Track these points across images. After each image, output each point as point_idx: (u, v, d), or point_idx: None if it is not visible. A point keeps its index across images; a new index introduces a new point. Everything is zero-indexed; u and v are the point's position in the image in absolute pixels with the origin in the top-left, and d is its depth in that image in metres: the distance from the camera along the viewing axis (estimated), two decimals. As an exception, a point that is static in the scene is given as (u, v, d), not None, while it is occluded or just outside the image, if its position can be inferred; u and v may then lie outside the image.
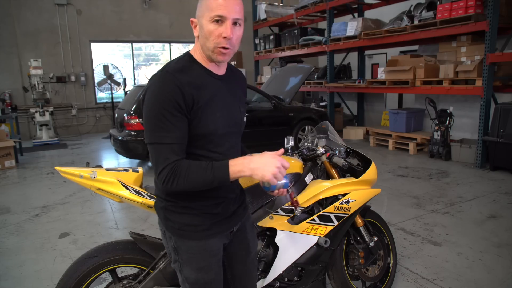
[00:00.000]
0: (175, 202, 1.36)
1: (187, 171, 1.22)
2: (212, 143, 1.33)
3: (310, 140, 2.34)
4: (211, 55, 1.29)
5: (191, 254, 1.37)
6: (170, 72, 1.26)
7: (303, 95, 12.19)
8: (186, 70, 1.28)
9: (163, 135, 1.22)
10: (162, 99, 1.21)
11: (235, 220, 1.48)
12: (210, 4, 1.23)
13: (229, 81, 1.42)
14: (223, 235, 1.44)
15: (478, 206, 4.20)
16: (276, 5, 11.01)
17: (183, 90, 1.22)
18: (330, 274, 2.22)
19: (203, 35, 1.27)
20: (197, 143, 1.30)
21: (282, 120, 6.77)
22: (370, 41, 7.57)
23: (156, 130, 1.22)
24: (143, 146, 5.82)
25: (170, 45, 12.08)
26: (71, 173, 1.72)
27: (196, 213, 1.36)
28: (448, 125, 6.43)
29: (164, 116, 1.21)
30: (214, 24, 1.24)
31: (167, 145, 1.22)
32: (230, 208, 1.44)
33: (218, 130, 1.31)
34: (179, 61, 1.33)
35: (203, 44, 1.29)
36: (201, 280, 1.40)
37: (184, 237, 1.37)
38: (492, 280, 2.71)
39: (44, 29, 9.99)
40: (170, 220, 1.38)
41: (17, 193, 5.20)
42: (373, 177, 2.20)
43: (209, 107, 1.29)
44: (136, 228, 3.81)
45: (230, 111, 1.37)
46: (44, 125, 9.05)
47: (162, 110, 1.20)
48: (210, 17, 1.23)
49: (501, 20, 5.54)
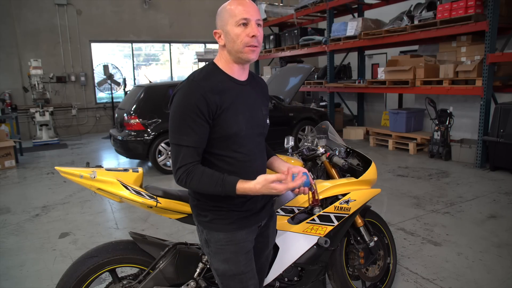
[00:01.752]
0: (205, 201, 1.48)
1: (200, 177, 1.35)
2: (237, 144, 1.43)
3: (310, 140, 2.35)
4: (241, 56, 1.40)
5: (219, 246, 1.47)
6: (195, 80, 1.38)
7: (303, 95, 12.19)
8: (209, 77, 1.40)
9: (182, 138, 1.35)
10: (185, 105, 1.34)
11: (263, 215, 1.58)
12: (233, 11, 1.37)
13: (251, 86, 1.53)
14: (251, 229, 1.52)
15: (478, 206, 4.20)
16: (276, 5, 11.00)
17: (206, 97, 1.33)
18: (330, 274, 2.22)
19: (231, 40, 1.38)
20: (222, 144, 1.41)
21: (282, 120, 6.78)
22: (370, 41, 7.56)
23: (177, 132, 1.36)
24: (143, 146, 5.83)
25: (170, 45, 12.09)
26: (71, 173, 1.72)
27: (225, 210, 1.46)
28: (448, 125, 6.43)
29: (185, 121, 1.34)
30: (240, 27, 1.37)
31: (185, 147, 1.35)
32: (258, 204, 1.53)
33: (241, 131, 1.42)
34: (203, 69, 1.45)
35: (231, 48, 1.40)
36: (228, 272, 1.48)
37: (213, 230, 1.48)
38: (492, 280, 2.71)
39: (44, 29, 10.00)
40: (201, 215, 1.51)
41: (17, 193, 5.20)
42: (373, 177, 2.20)
43: (232, 110, 1.39)
44: (136, 228, 3.81)
45: (252, 113, 1.48)
46: (44, 125, 9.05)
47: (185, 115, 1.34)
48: (236, 22, 1.36)
49: (501, 20, 5.54)
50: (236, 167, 1.44)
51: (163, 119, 5.91)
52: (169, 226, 3.80)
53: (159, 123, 5.89)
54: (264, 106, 1.58)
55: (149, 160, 6.01)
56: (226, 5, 1.40)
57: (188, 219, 1.82)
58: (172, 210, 1.78)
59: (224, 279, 1.49)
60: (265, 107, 1.58)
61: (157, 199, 1.74)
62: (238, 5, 1.37)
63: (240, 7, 1.36)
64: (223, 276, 1.49)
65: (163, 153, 5.97)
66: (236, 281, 1.49)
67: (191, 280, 1.80)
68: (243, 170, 1.46)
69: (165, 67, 12.36)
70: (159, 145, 5.89)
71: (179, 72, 12.56)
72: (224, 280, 1.50)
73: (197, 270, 1.83)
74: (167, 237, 3.48)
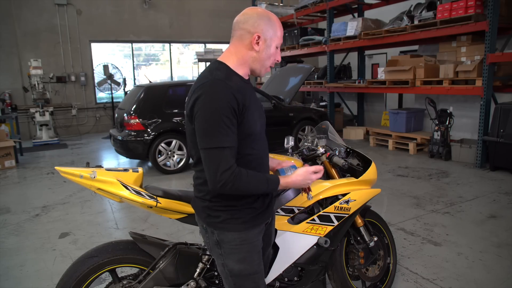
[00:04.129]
0: (218, 201, 1.46)
1: (248, 178, 1.37)
2: (254, 141, 1.47)
3: (310, 140, 2.36)
4: (260, 70, 1.50)
5: (233, 246, 1.46)
6: (222, 80, 1.36)
7: (303, 95, 12.19)
8: (230, 77, 1.41)
9: (223, 139, 1.32)
10: (220, 106, 1.31)
11: (269, 212, 1.61)
12: (277, 33, 1.47)
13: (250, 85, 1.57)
14: (261, 227, 1.55)
15: (478, 206, 4.20)
16: (276, 5, 11.00)
17: (236, 96, 1.34)
18: (330, 274, 2.22)
19: (265, 54, 1.46)
20: (243, 143, 1.41)
21: (282, 120, 6.78)
22: (370, 41, 7.56)
23: (216, 135, 1.31)
24: (143, 146, 5.83)
25: (170, 45, 12.09)
26: (71, 173, 1.72)
27: (238, 209, 1.47)
28: (448, 125, 6.43)
29: (224, 122, 1.31)
30: (275, 49, 1.49)
31: (228, 149, 1.33)
32: (265, 201, 1.56)
33: (257, 128, 1.46)
34: (220, 69, 1.43)
35: (260, 59, 1.47)
36: (244, 272, 1.48)
37: (226, 230, 1.47)
38: (492, 280, 2.71)
39: (44, 29, 10.00)
40: (212, 216, 1.48)
41: (17, 193, 5.20)
42: (373, 177, 2.20)
43: (250, 109, 1.42)
44: (136, 228, 3.81)
45: (261, 110, 1.55)
46: (44, 125, 9.05)
47: (222, 116, 1.31)
48: (277, 44, 1.48)
49: (501, 20, 5.54)
50: (253, 164, 1.46)
51: (163, 119, 5.91)
52: (169, 226, 3.80)
53: (159, 123, 5.89)
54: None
55: (149, 160, 6.01)
56: (273, 18, 1.46)
57: (188, 219, 1.82)
58: (172, 210, 1.78)
59: (239, 279, 1.49)
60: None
61: (157, 199, 1.74)
62: (280, 27, 1.48)
63: (281, 31, 1.49)
64: (239, 277, 1.48)
65: (163, 153, 5.97)
66: (250, 280, 1.50)
67: (191, 280, 1.80)
68: (259, 167, 1.50)
69: (165, 67, 12.36)
70: (159, 145, 5.89)
71: (179, 72, 12.56)
72: (239, 280, 1.49)
73: (197, 270, 1.83)
74: (167, 237, 3.48)
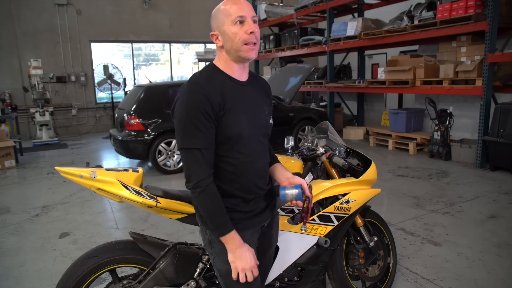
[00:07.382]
0: None
1: (211, 204, 1.36)
2: (240, 145, 1.43)
3: (310, 140, 2.36)
4: (240, 54, 1.40)
5: (222, 246, 1.44)
6: (196, 82, 1.38)
7: (303, 95, 12.19)
8: (210, 78, 1.40)
9: (192, 141, 1.34)
10: (190, 108, 1.33)
11: (266, 216, 1.58)
12: (228, 11, 1.38)
13: (252, 86, 1.53)
14: (255, 229, 1.52)
15: (478, 206, 4.20)
16: (276, 5, 11.00)
17: (209, 98, 1.33)
18: (330, 274, 2.22)
19: (229, 39, 1.39)
20: (226, 146, 1.41)
21: (282, 120, 6.77)
22: (370, 41, 7.56)
23: (185, 135, 1.34)
24: (143, 146, 5.83)
25: (170, 45, 12.09)
26: (71, 173, 1.72)
27: (229, 211, 1.44)
28: (448, 125, 6.43)
29: (193, 123, 1.33)
30: (237, 25, 1.38)
31: (197, 151, 1.34)
32: (261, 205, 1.54)
33: (244, 132, 1.41)
34: (203, 71, 1.45)
35: (230, 47, 1.40)
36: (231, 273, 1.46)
37: None
38: (492, 280, 2.71)
39: (44, 29, 9.99)
40: None
41: (17, 193, 5.20)
42: (373, 177, 2.20)
43: (234, 111, 1.39)
44: (136, 228, 3.81)
45: (254, 113, 1.48)
46: (44, 125, 9.05)
47: (192, 118, 1.33)
48: (232, 21, 1.37)
49: (501, 20, 5.54)
50: (238, 168, 1.44)
51: (163, 119, 5.91)
52: (169, 226, 3.80)
53: (159, 123, 5.89)
54: (267, 106, 1.57)
55: (149, 160, 6.01)
56: (220, 6, 1.41)
57: (188, 219, 1.82)
58: (172, 210, 1.78)
59: (227, 280, 1.48)
60: (267, 107, 1.58)
61: (157, 199, 1.74)
62: (232, 4, 1.38)
63: (235, 6, 1.38)
64: (226, 278, 1.48)
65: (163, 153, 5.97)
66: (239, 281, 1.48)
67: (191, 280, 1.80)
68: (246, 171, 1.46)
69: (165, 67, 12.36)
70: (159, 145, 5.89)
71: (179, 72, 12.56)
72: (227, 281, 1.49)
73: (197, 270, 1.82)
74: (167, 237, 3.48)
